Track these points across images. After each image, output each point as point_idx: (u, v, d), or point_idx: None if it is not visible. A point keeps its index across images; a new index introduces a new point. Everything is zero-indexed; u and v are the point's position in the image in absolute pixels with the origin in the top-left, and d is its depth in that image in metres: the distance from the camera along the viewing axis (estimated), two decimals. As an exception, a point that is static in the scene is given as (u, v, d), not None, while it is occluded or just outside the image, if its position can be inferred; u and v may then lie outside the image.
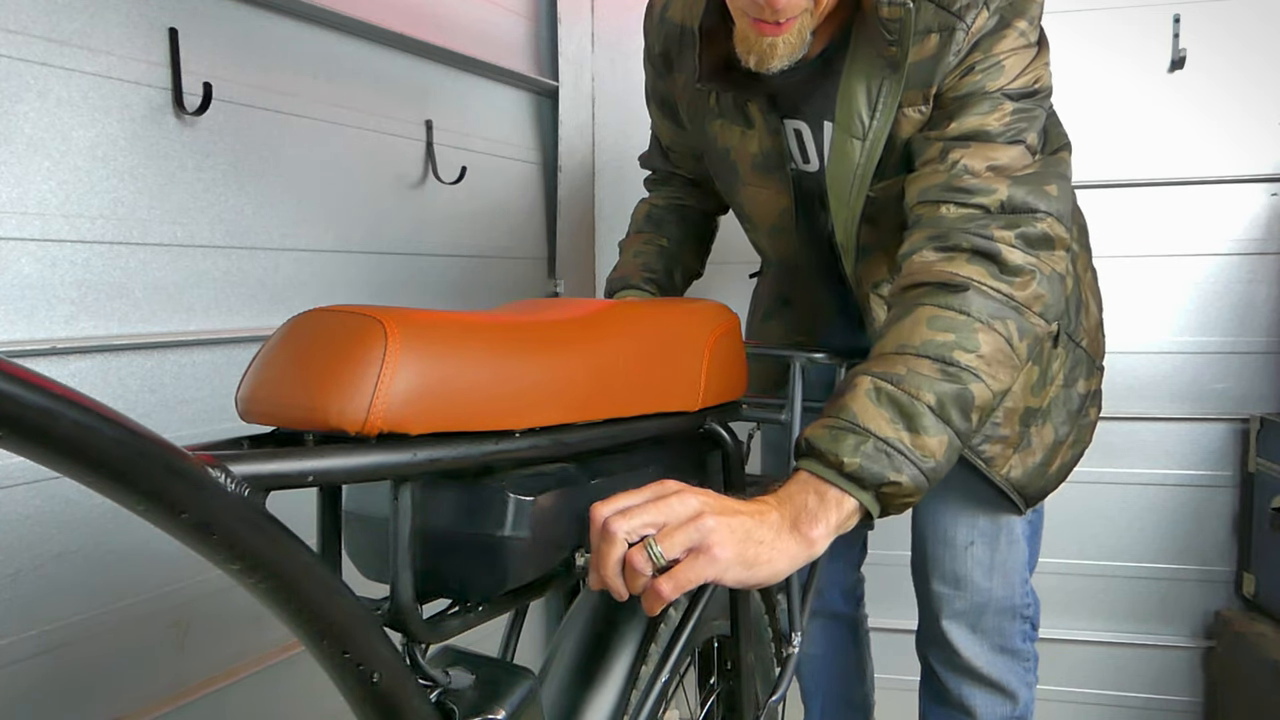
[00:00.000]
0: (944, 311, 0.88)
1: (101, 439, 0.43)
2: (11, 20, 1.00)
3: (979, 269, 0.90)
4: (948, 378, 0.85)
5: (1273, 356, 1.92)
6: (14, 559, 1.02)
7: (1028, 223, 0.93)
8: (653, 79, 1.27)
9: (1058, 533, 1.98)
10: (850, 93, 1.03)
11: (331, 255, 1.44)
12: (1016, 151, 0.96)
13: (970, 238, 0.91)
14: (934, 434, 0.84)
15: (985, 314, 0.88)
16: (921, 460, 0.84)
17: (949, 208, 0.94)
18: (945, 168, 0.96)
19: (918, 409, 0.84)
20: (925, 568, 1.33)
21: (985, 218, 0.93)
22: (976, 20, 0.97)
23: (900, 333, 0.89)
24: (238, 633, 1.28)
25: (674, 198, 1.41)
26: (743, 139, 1.15)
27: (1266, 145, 1.87)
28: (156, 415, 1.18)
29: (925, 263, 0.93)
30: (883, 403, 0.84)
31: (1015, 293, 0.90)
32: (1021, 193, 0.93)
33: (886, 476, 0.82)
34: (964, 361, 0.86)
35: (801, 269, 1.32)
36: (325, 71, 1.42)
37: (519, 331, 0.73)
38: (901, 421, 0.84)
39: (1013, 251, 0.91)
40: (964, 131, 0.97)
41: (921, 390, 0.85)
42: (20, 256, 1.02)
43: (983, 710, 1.33)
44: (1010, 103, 0.97)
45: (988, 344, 0.88)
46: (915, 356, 0.86)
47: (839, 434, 0.83)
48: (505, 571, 0.70)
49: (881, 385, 0.85)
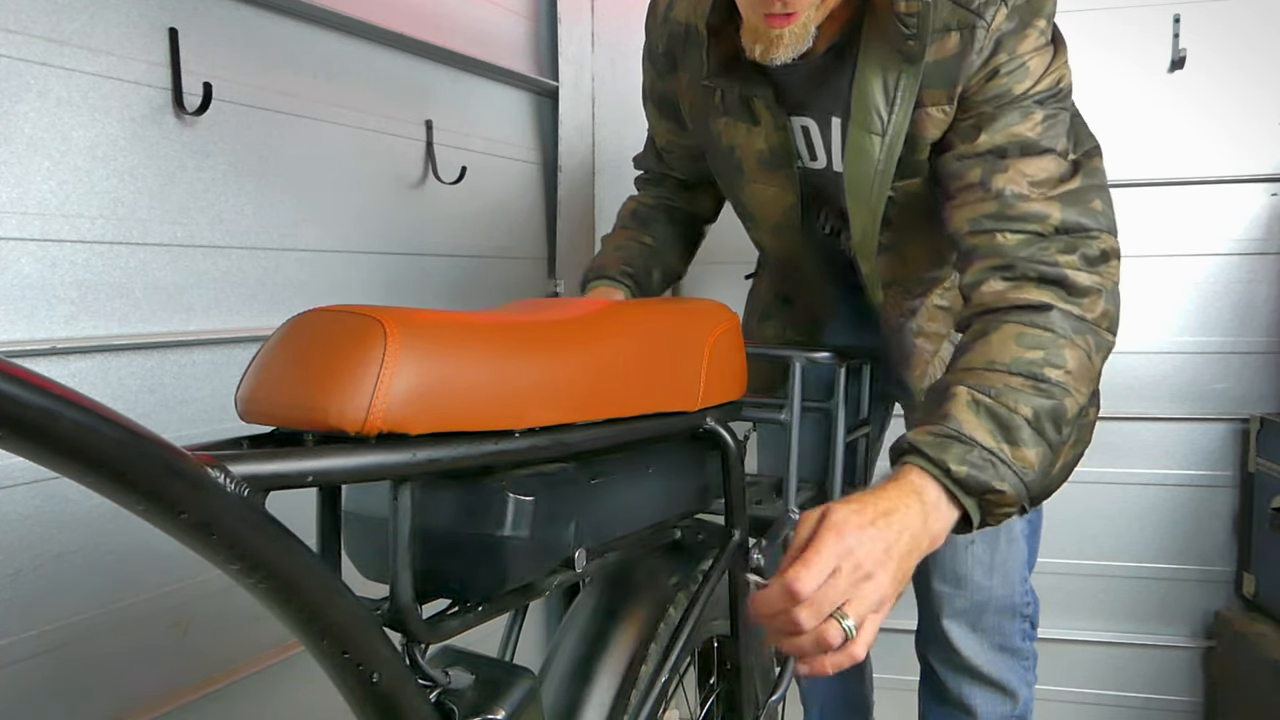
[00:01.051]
0: (1030, 329, 0.90)
1: (101, 439, 0.43)
2: (11, 20, 1.00)
3: (1050, 294, 0.92)
4: (1041, 393, 0.87)
5: (1273, 356, 1.92)
6: (14, 559, 1.02)
7: (1084, 243, 0.94)
8: (653, 78, 1.27)
9: (1058, 533, 1.98)
10: (865, 89, 1.02)
11: (331, 255, 1.44)
12: (1051, 161, 0.96)
13: (1036, 266, 0.93)
14: (1031, 446, 0.86)
15: (1069, 331, 0.91)
16: (1022, 471, 0.85)
17: (1005, 235, 0.95)
18: (992, 195, 0.96)
19: (1016, 422, 0.86)
20: (925, 567, 1.33)
21: (1044, 241, 0.94)
22: (996, 18, 0.97)
23: (989, 349, 0.90)
24: (238, 633, 1.28)
25: (664, 198, 1.39)
26: (748, 136, 1.15)
27: (1266, 145, 1.87)
28: (156, 415, 1.18)
29: (996, 291, 0.94)
30: (982, 414, 0.86)
31: (1086, 313, 0.92)
32: (1073, 214, 0.95)
33: (991, 485, 0.83)
34: (1054, 377, 0.88)
35: (802, 267, 1.32)
36: (325, 71, 1.42)
37: (519, 331, 0.73)
38: (1001, 434, 0.85)
39: (1078, 274, 0.93)
40: (996, 145, 0.97)
41: (1019, 404, 0.86)
42: (20, 256, 1.02)
43: (983, 709, 1.33)
44: (1039, 109, 0.97)
45: (1073, 359, 0.90)
46: (1007, 373, 0.88)
47: (945, 442, 0.84)
48: (505, 571, 0.70)
49: (980, 398, 0.87)
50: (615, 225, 1.40)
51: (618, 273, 1.29)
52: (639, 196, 1.42)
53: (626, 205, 1.41)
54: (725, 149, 1.19)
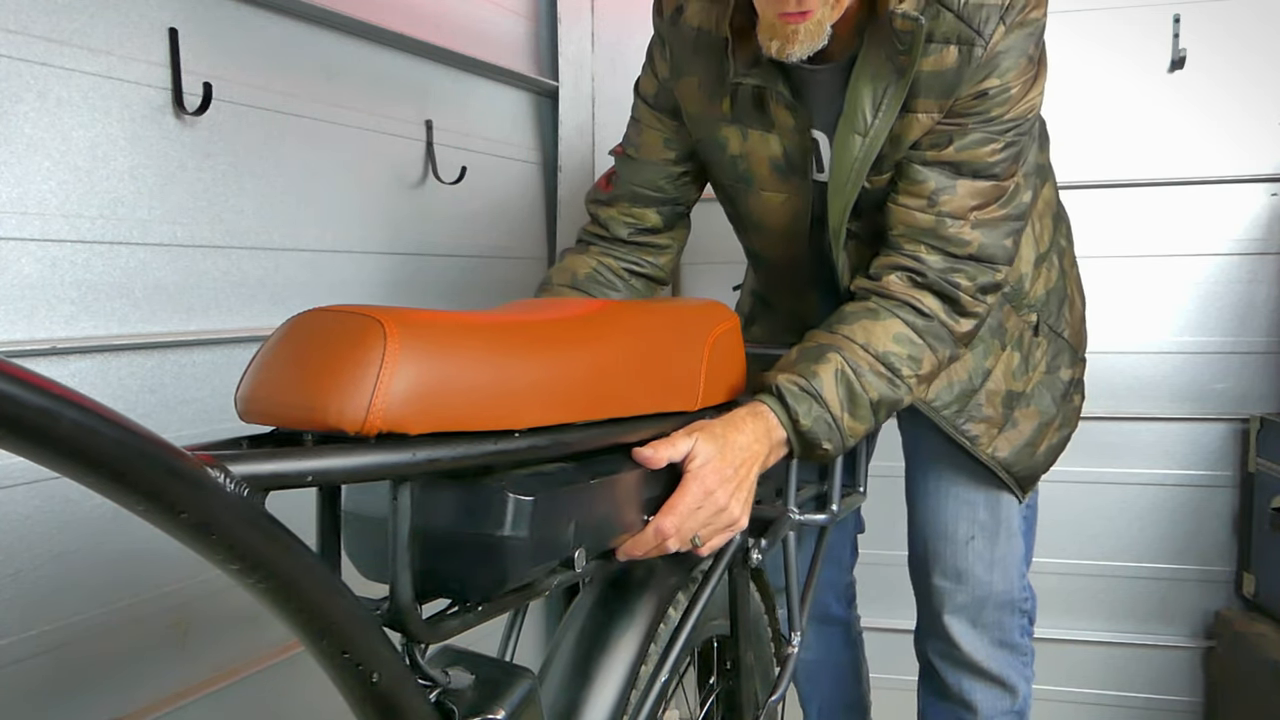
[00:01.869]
0: (908, 330, 1.07)
1: (101, 439, 0.43)
2: (11, 20, 1.00)
3: (940, 306, 1.08)
4: (892, 386, 1.06)
5: (1273, 356, 1.92)
6: (14, 559, 1.02)
7: (987, 274, 1.10)
8: (661, 77, 1.23)
9: (1058, 533, 1.98)
10: (858, 92, 1.08)
11: (331, 255, 1.44)
12: (991, 186, 1.09)
13: (941, 282, 1.08)
14: (864, 422, 1.05)
15: (936, 342, 1.08)
16: (847, 438, 1.05)
17: (929, 253, 1.09)
18: (933, 213, 1.09)
19: (862, 400, 1.04)
20: (926, 563, 1.34)
21: (956, 264, 1.09)
22: (994, 37, 1.03)
23: (870, 332, 1.06)
24: (238, 633, 1.28)
25: (630, 261, 1.25)
26: (761, 143, 1.16)
27: (1266, 145, 1.87)
28: (156, 415, 1.18)
29: (901, 286, 1.09)
30: (841, 386, 1.03)
31: (957, 329, 1.09)
32: (988, 245, 1.09)
33: (820, 443, 1.03)
34: (906, 376, 1.06)
35: (792, 273, 1.32)
36: (325, 71, 1.42)
37: (518, 331, 0.73)
38: (848, 405, 1.03)
39: (969, 300, 1.09)
40: (958, 160, 1.08)
41: (870, 388, 1.04)
42: (20, 256, 1.02)
43: (984, 705, 1.34)
44: (1003, 139, 1.08)
45: (928, 365, 1.08)
46: (875, 359, 1.05)
47: (804, 396, 1.01)
48: (504, 571, 0.70)
49: (845, 370, 1.04)
50: (553, 280, 1.24)
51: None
52: (598, 254, 1.25)
53: (578, 261, 1.24)
54: (729, 160, 1.19)
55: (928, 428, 1.27)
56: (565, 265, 1.26)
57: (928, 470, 1.33)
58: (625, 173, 1.27)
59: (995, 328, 1.23)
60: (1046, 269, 1.27)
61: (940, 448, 1.29)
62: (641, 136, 1.26)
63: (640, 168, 1.26)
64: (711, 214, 1.43)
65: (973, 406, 1.24)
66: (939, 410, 1.22)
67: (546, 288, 1.24)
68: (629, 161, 1.27)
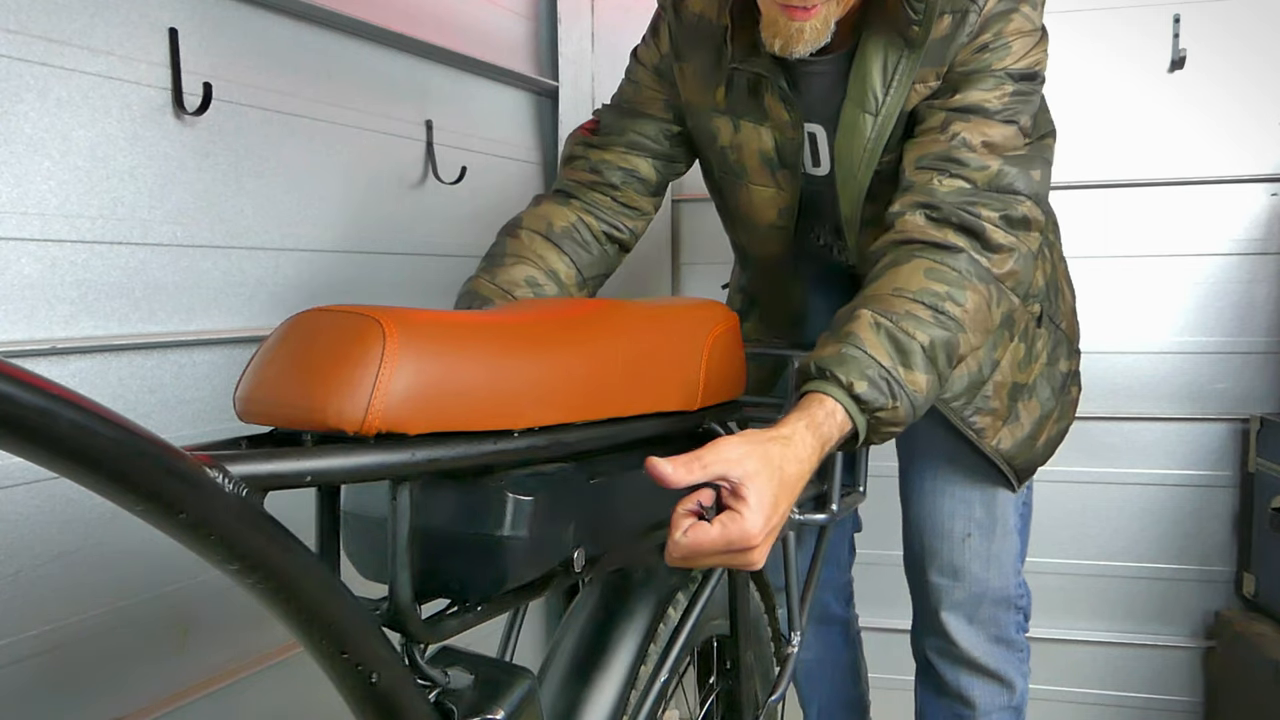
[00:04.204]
0: (939, 265, 0.96)
1: (99, 439, 0.43)
2: (11, 20, 1.00)
3: (965, 240, 0.99)
4: (939, 324, 0.94)
5: (1273, 356, 1.92)
6: (14, 559, 1.02)
7: (1011, 205, 1.00)
8: (663, 52, 1.21)
9: (1058, 533, 1.99)
10: (865, 69, 1.06)
11: (331, 255, 1.44)
12: (1011, 130, 1.03)
13: (959, 213, 0.99)
14: (923, 372, 0.92)
15: (974, 276, 0.97)
16: (913, 395, 0.91)
17: (942, 179, 1.01)
18: (945, 137, 1.02)
19: (912, 347, 0.92)
20: (922, 561, 1.34)
21: (974, 193, 1.00)
22: (987, 3, 1.02)
23: (897, 277, 0.96)
24: (238, 633, 1.28)
25: (610, 224, 1.21)
26: (753, 134, 1.15)
27: (1266, 145, 1.87)
28: (156, 415, 1.18)
29: (917, 225, 1.00)
30: (882, 336, 0.91)
31: (994, 268, 0.99)
32: (1011, 173, 1.01)
33: (884, 403, 0.89)
34: (953, 312, 0.94)
35: (779, 269, 1.32)
36: (325, 71, 1.42)
37: (518, 331, 0.73)
38: (898, 356, 0.91)
39: (996, 231, 0.99)
40: (966, 104, 1.03)
41: (917, 331, 0.92)
42: (20, 256, 1.02)
43: (982, 700, 1.35)
44: (1011, 83, 1.03)
45: (973, 301, 0.97)
46: (912, 300, 0.94)
47: (848, 358, 0.89)
48: (504, 571, 0.70)
49: (881, 320, 0.92)
50: (523, 222, 1.20)
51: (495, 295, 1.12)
52: (576, 208, 1.20)
53: (555, 211, 1.19)
54: (720, 151, 1.19)
55: (924, 424, 1.27)
56: (541, 212, 1.19)
57: (924, 467, 1.33)
58: (618, 120, 1.23)
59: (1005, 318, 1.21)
60: (1041, 261, 1.28)
61: (937, 444, 1.29)
62: (640, 95, 1.24)
63: (638, 118, 1.22)
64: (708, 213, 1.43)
65: (980, 398, 1.23)
66: (948, 402, 1.21)
67: (515, 231, 1.18)
68: (623, 111, 1.24)
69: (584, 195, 1.21)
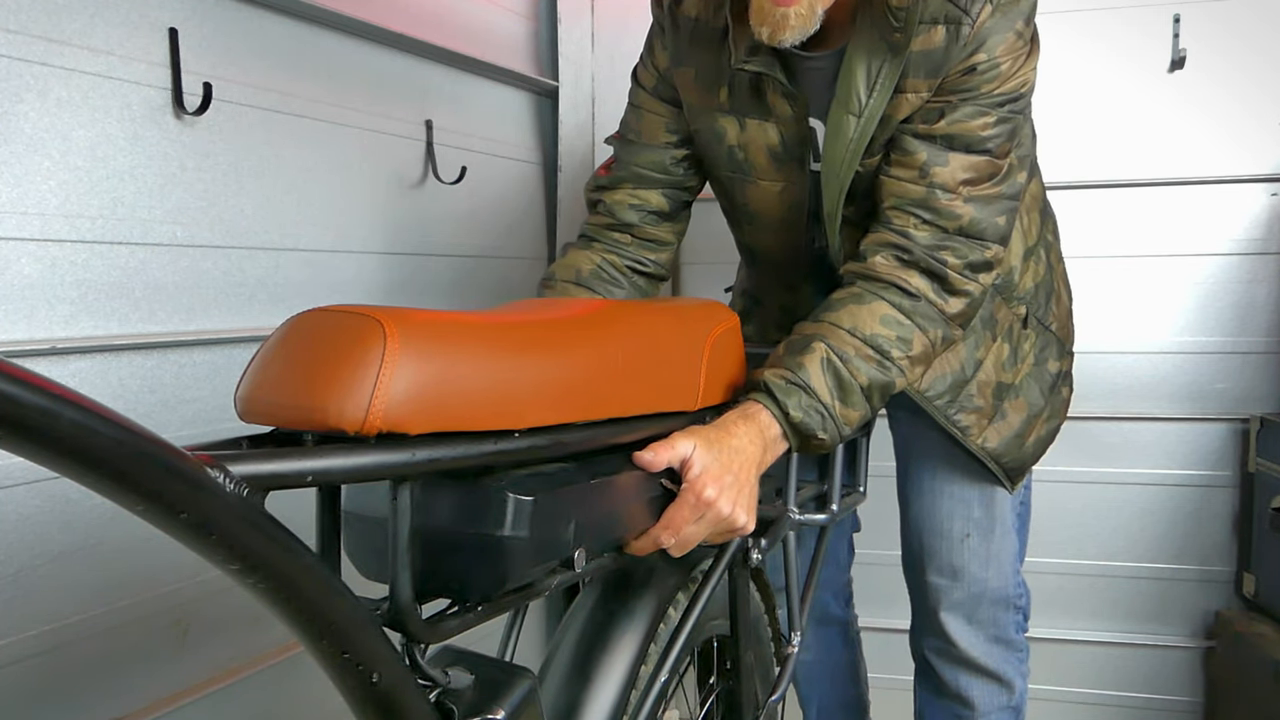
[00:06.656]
0: (895, 312, 1.06)
1: (100, 439, 0.43)
2: (11, 20, 1.00)
3: (927, 284, 1.07)
4: (881, 369, 1.04)
5: (1273, 356, 1.92)
6: (14, 559, 1.02)
7: (976, 251, 1.08)
8: (661, 69, 1.22)
9: (1058, 533, 1.99)
10: (851, 70, 1.08)
11: (331, 255, 1.44)
12: (985, 161, 1.08)
13: (928, 258, 1.07)
14: (857, 409, 1.04)
15: (925, 323, 1.07)
16: (842, 426, 1.03)
17: (918, 227, 1.08)
18: (925, 184, 1.08)
19: (853, 386, 1.03)
20: (921, 561, 1.34)
21: (944, 239, 1.08)
22: (980, 14, 1.03)
23: (856, 316, 1.06)
24: (238, 633, 1.28)
25: (633, 259, 1.24)
26: (759, 131, 1.16)
27: (1266, 145, 1.87)
28: (156, 415, 1.18)
29: (888, 266, 1.08)
30: (828, 373, 1.02)
31: (948, 309, 1.08)
32: (979, 221, 1.08)
33: (815, 433, 1.02)
34: (897, 358, 1.05)
35: (786, 266, 1.31)
36: (325, 71, 1.42)
37: (518, 331, 0.73)
38: (838, 393, 1.02)
39: (957, 277, 1.07)
40: (950, 134, 1.07)
41: (859, 373, 1.03)
42: (20, 256, 1.02)
43: (981, 700, 1.35)
44: (995, 112, 1.07)
45: (920, 346, 1.07)
46: (863, 343, 1.04)
47: (792, 389, 1.01)
48: (504, 571, 0.70)
49: (831, 358, 1.03)
50: (555, 276, 1.23)
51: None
52: (598, 251, 1.24)
53: (580, 258, 1.23)
54: (726, 150, 1.19)
55: (921, 426, 1.27)
56: (569, 261, 1.24)
57: (922, 468, 1.33)
58: (626, 155, 1.26)
59: (987, 319, 1.23)
60: (1034, 263, 1.28)
61: (934, 445, 1.29)
62: (642, 122, 1.25)
63: (642, 150, 1.25)
64: (710, 214, 1.43)
65: (964, 397, 1.24)
66: (931, 400, 1.23)
67: (550, 283, 1.23)
68: (629, 144, 1.26)
69: (604, 237, 1.26)
